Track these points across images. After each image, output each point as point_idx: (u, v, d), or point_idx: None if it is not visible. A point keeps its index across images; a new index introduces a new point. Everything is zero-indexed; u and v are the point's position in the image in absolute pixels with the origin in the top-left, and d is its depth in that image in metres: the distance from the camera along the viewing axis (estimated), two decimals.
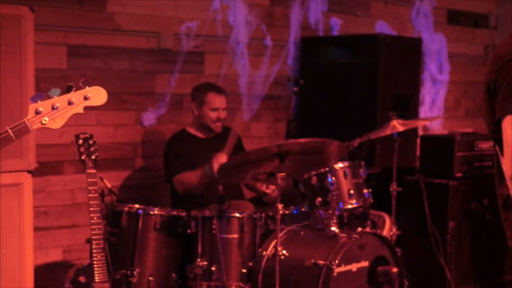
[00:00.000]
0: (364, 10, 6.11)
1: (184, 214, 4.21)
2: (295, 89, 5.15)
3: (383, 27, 6.14)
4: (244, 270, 4.11)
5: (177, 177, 4.54)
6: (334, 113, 5.39)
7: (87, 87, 2.36)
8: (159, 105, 5.04)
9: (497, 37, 7.04)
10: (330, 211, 4.16)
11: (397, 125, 4.56)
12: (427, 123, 6.22)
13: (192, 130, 4.75)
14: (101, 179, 3.91)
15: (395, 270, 4.02)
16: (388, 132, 4.56)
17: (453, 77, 6.74)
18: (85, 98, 2.35)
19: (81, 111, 2.35)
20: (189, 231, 4.16)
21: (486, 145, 5.27)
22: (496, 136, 2.52)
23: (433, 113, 6.55)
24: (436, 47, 6.57)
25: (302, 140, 4.02)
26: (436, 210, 5.07)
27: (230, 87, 5.26)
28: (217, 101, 4.66)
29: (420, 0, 6.44)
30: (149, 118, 5.00)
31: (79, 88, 2.35)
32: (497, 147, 2.56)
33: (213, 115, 4.66)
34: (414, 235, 5.19)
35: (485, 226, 5.19)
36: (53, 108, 2.31)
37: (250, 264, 4.10)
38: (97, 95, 2.37)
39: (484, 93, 2.56)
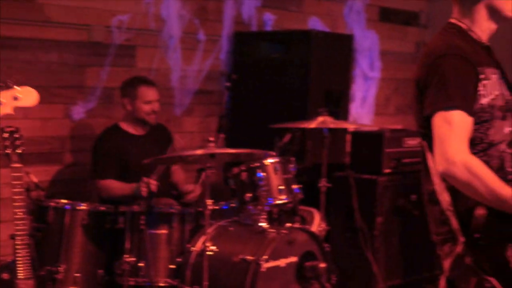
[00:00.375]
0: (297, 6, 6.14)
1: (112, 209, 4.16)
2: (228, 84, 5.15)
3: (315, 23, 6.18)
4: (172, 266, 4.09)
5: (103, 182, 4.50)
6: (266, 109, 5.39)
7: (17, 87, 2.30)
8: (89, 99, 4.97)
9: (428, 35, 7.15)
10: (260, 207, 4.17)
11: (326, 121, 4.60)
12: (355, 126, 6.24)
13: (124, 126, 4.70)
14: (27, 173, 3.84)
15: (322, 265, 4.06)
16: (313, 125, 4.59)
17: (384, 75, 6.83)
18: (15, 99, 2.30)
19: (11, 111, 2.31)
20: (117, 226, 4.12)
21: (414, 142, 5.34)
22: (424, 131, 2.56)
23: (363, 110, 6.63)
24: (368, 44, 6.64)
25: (233, 150, 4.14)
26: (365, 206, 5.12)
27: (162, 81, 5.22)
28: (149, 93, 4.65)
29: None
30: (78, 112, 4.92)
31: (8, 87, 2.30)
32: (424, 143, 2.60)
33: (147, 108, 4.64)
34: (343, 230, 5.23)
35: (413, 221, 5.26)
36: None
37: (179, 259, 4.08)
38: (28, 96, 2.33)
39: (414, 89, 2.59)
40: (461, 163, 2.38)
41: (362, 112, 6.62)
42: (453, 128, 2.42)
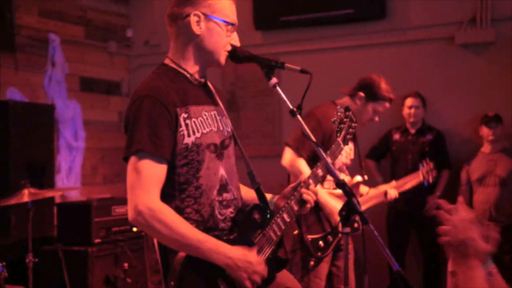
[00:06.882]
0: None
1: None
2: None
3: (14, 94, 5.94)
4: None
5: None
6: None
7: None
8: None
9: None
10: None
11: (30, 194, 4.40)
12: (62, 193, 6.07)
13: None
14: None
15: None
16: (21, 200, 4.37)
17: (90, 144, 6.73)
18: None
19: None
20: None
21: (123, 209, 5.32)
22: None
23: (70, 181, 6.45)
24: (70, 114, 6.51)
25: None
26: (77, 278, 4.96)
27: None
28: None
29: (52, 67, 6.36)
30: None
31: None
32: None
33: None
34: None
35: None
36: None
37: None
38: None
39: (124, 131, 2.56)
40: (147, 212, 2.37)
41: (69, 183, 6.44)
42: (140, 176, 2.41)
